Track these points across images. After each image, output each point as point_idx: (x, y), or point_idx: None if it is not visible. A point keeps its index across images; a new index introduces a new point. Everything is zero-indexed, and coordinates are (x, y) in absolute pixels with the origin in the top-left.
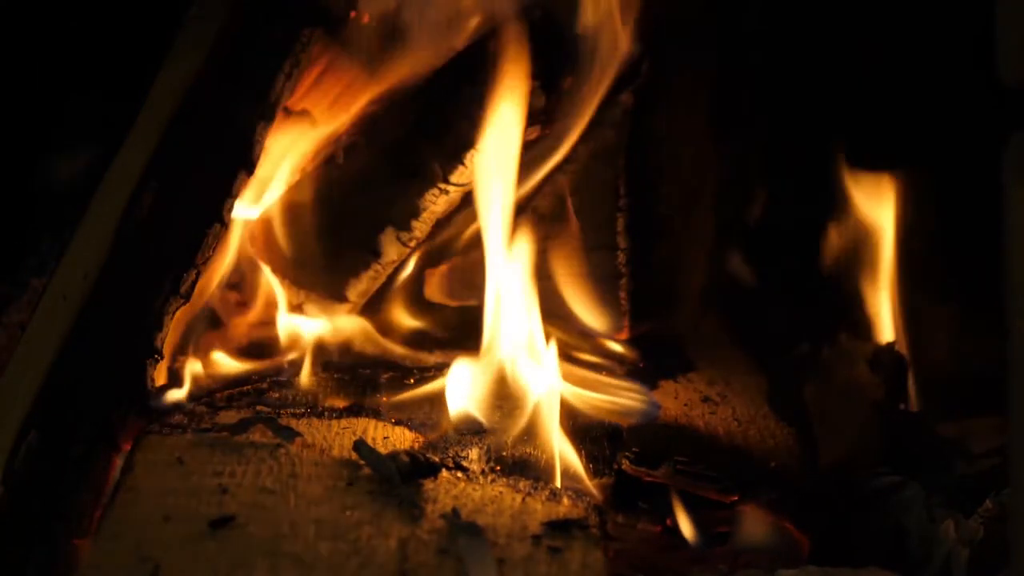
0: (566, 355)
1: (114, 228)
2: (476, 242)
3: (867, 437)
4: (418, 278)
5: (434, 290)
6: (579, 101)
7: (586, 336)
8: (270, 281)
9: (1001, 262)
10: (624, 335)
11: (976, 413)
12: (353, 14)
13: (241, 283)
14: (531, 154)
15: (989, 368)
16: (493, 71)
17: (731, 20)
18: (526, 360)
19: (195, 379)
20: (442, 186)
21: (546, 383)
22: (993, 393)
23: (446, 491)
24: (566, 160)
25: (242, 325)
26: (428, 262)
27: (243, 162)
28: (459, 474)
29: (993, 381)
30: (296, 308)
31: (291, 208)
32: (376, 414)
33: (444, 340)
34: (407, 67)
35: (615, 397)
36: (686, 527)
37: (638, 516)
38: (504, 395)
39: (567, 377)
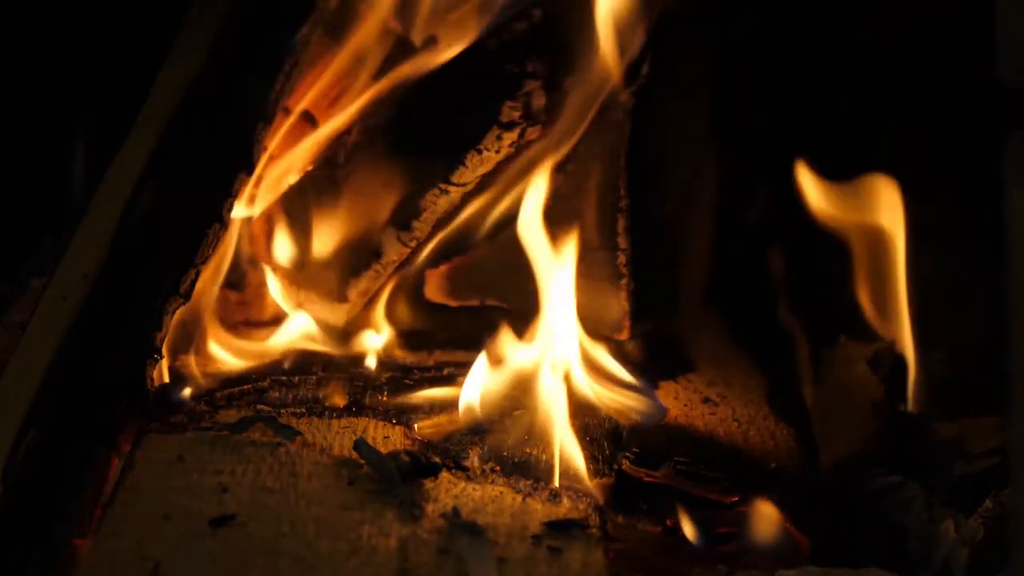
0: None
1: (114, 228)
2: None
3: (867, 437)
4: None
5: (434, 290)
6: (580, 101)
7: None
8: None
9: (1001, 262)
10: (624, 335)
11: (976, 413)
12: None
13: (241, 283)
14: (531, 154)
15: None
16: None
17: (731, 20)
18: (534, 361)
19: (195, 378)
20: (442, 186)
21: (551, 383)
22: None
23: (446, 491)
24: (566, 160)
25: (242, 325)
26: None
27: (243, 162)
28: (459, 474)
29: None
30: (296, 308)
31: (291, 208)
32: (376, 414)
33: (444, 340)
34: (408, 67)
35: (622, 396)
36: (688, 528)
37: (638, 516)
38: (511, 394)
39: (573, 375)
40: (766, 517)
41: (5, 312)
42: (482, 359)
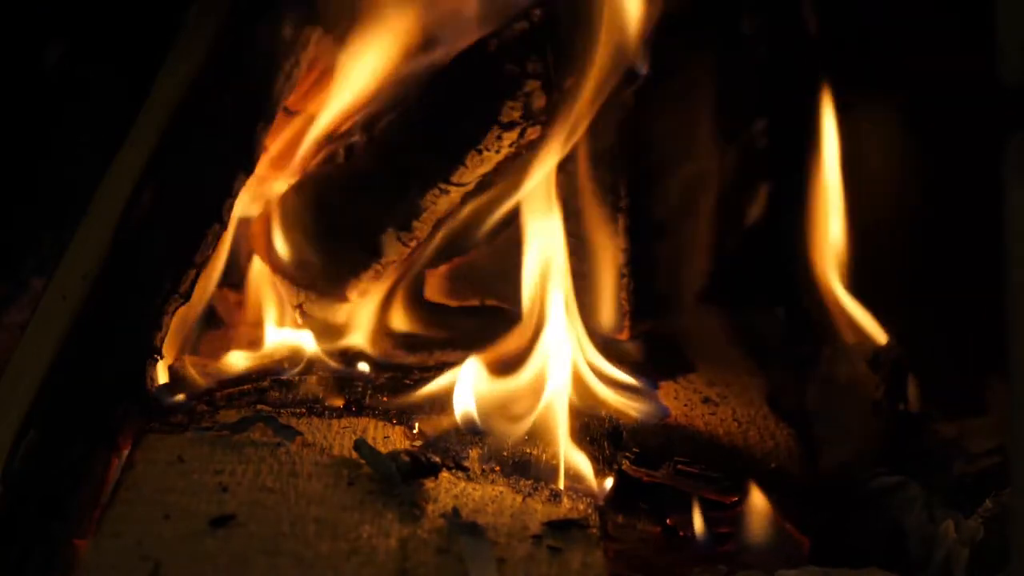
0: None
1: (114, 228)
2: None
3: (867, 437)
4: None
5: (434, 290)
6: (580, 101)
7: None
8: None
9: (1001, 262)
10: (624, 335)
11: (976, 413)
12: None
13: (241, 283)
14: (531, 154)
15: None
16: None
17: (730, 19)
18: (534, 362)
19: (195, 378)
20: (442, 186)
21: (553, 384)
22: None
23: (446, 491)
24: (566, 160)
25: (242, 325)
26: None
27: (243, 162)
28: (459, 474)
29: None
30: (296, 308)
31: (291, 208)
32: (376, 414)
33: (444, 340)
34: (408, 67)
35: (622, 396)
36: (698, 524)
37: (638, 516)
38: (512, 397)
39: (575, 375)
40: (766, 517)
41: (5, 312)
42: (474, 364)
